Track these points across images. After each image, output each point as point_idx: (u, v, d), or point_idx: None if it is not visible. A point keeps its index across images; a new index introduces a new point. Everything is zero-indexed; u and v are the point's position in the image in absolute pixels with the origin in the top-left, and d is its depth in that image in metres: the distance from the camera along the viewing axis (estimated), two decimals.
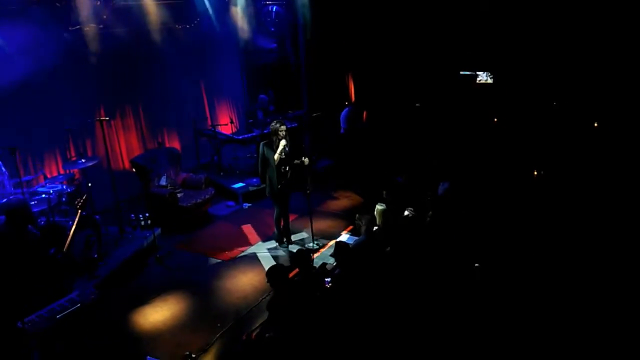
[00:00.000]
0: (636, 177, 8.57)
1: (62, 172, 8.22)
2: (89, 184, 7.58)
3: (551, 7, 10.67)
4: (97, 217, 7.39)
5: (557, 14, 10.63)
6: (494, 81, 12.26)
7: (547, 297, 5.51)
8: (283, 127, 7.16)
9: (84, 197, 6.06)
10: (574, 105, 10.98)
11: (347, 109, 11.46)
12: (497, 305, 5.32)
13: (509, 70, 11.85)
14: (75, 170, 7.95)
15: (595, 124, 10.71)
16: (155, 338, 5.65)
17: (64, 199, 7.15)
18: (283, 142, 7.10)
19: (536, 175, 9.50)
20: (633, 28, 9.89)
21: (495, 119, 12.07)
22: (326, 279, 5.62)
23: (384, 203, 6.69)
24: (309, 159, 7.38)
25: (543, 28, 10.86)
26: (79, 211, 5.91)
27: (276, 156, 7.13)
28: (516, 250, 6.31)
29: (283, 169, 7.21)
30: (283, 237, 7.69)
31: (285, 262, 7.13)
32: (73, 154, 8.35)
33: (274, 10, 11.69)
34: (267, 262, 7.18)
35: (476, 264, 5.74)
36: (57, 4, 8.00)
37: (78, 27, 8.35)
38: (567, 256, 6.31)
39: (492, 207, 7.45)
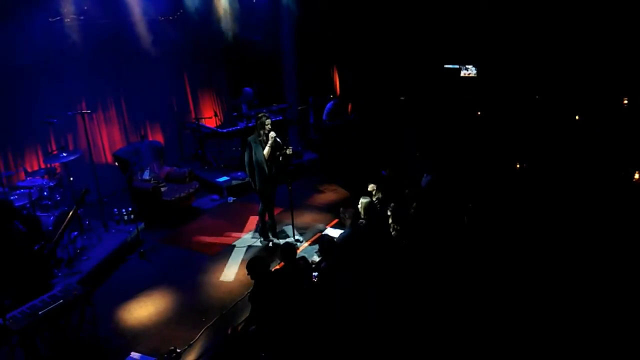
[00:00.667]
0: (616, 168, 8.73)
1: (43, 166, 8.09)
2: (71, 178, 7.48)
3: (534, 3, 10.75)
4: (80, 211, 7.31)
5: (540, 9, 10.71)
6: (477, 74, 12.34)
7: (530, 287, 5.59)
8: (268, 121, 7.11)
9: (82, 192, 6.06)
10: (555, 99, 11.10)
11: (331, 102, 11.45)
12: (481, 296, 5.39)
13: (492, 64, 11.93)
14: (57, 164, 7.83)
15: (577, 117, 10.85)
16: (139, 333, 5.62)
17: (45, 193, 7.05)
18: (273, 134, 7.03)
19: (519, 167, 9.61)
20: (612, 23, 10.02)
21: (479, 112, 12.16)
22: (314, 273, 5.65)
23: (368, 196, 6.71)
24: (291, 149, 7.31)
25: (526, 22, 10.94)
26: (74, 206, 5.92)
27: (266, 150, 7.06)
28: (499, 241, 6.37)
29: (269, 163, 7.15)
30: (268, 231, 7.66)
31: (267, 255, 7.13)
32: (54, 147, 8.22)
33: (257, 1, 11.58)
34: (252, 256, 7.17)
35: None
36: None
37: (58, 18, 8.19)
38: (550, 246, 6.40)
39: (475, 199, 7.52)
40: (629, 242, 6.42)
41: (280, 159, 7.22)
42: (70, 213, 6.01)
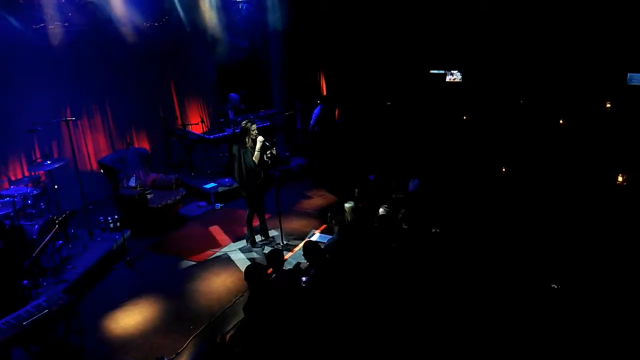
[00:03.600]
0: (600, 171, 8.85)
1: (27, 174, 7.99)
2: (55, 186, 7.39)
3: (518, 8, 10.88)
4: None
5: (524, 14, 10.85)
6: (462, 80, 12.46)
7: (517, 289, 5.63)
8: (254, 126, 7.12)
9: (66, 214, 6.07)
10: (540, 103, 11.24)
11: (318, 107, 11.47)
12: (470, 300, 5.40)
13: (477, 69, 12.05)
14: (41, 172, 7.74)
15: (561, 121, 10.98)
16: (126, 342, 5.56)
17: (29, 202, 6.96)
18: (261, 139, 7.03)
19: (504, 171, 9.69)
20: (594, 29, 10.17)
21: (465, 117, 12.26)
22: (303, 278, 5.62)
23: (353, 201, 6.73)
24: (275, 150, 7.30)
25: (510, 28, 11.07)
26: (57, 225, 5.90)
27: (256, 154, 7.06)
28: (486, 244, 6.41)
29: (258, 168, 7.16)
30: (255, 236, 7.64)
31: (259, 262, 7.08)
32: (38, 155, 8.12)
33: (244, 7, 11.59)
34: (240, 263, 7.14)
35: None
36: (20, 1, 7.76)
37: (42, 24, 8.12)
38: (537, 248, 6.45)
39: (462, 203, 7.57)
40: (614, 244, 6.50)
41: (269, 162, 7.22)
42: (51, 233, 5.97)
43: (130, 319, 5.98)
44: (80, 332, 5.46)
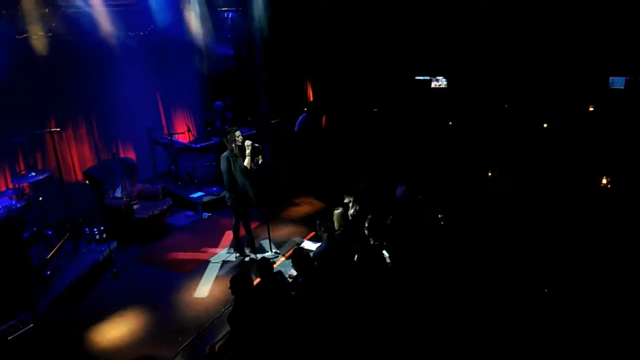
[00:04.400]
0: (583, 174, 8.97)
1: (10, 186, 7.89)
2: (40, 198, 7.31)
3: (504, 13, 11.01)
4: (49, 232, 7.16)
5: (507, 20, 10.98)
6: (448, 85, 12.55)
7: (507, 293, 5.67)
8: (238, 132, 7.10)
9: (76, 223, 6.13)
10: (524, 108, 11.36)
11: (303, 114, 11.49)
12: (458, 306, 5.43)
13: (462, 75, 12.16)
14: (25, 184, 7.65)
15: (545, 125, 11.11)
16: (113, 355, 5.51)
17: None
18: (249, 142, 7.01)
19: (490, 175, 9.77)
20: (577, 33, 10.32)
21: (450, 122, 12.35)
22: (291, 287, 5.61)
23: (342, 207, 6.72)
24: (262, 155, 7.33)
25: (493, 34, 11.19)
26: (67, 235, 5.97)
27: (247, 160, 7.03)
28: (473, 249, 6.45)
29: (249, 174, 7.13)
30: (243, 246, 7.60)
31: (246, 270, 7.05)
32: (22, 167, 8.04)
33: (229, 16, 11.60)
34: (228, 273, 7.10)
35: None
36: (3, 12, 7.70)
37: (25, 35, 8.07)
38: (524, 250, 6.51)
39: (449, 208, 7.60)
40: (599, 245, 6.58)
41: (259, 163, 7.19)
42: (60, 243, 6.02)
43: (117, 330, 5.92)
44: (67, 345, 5.40)
